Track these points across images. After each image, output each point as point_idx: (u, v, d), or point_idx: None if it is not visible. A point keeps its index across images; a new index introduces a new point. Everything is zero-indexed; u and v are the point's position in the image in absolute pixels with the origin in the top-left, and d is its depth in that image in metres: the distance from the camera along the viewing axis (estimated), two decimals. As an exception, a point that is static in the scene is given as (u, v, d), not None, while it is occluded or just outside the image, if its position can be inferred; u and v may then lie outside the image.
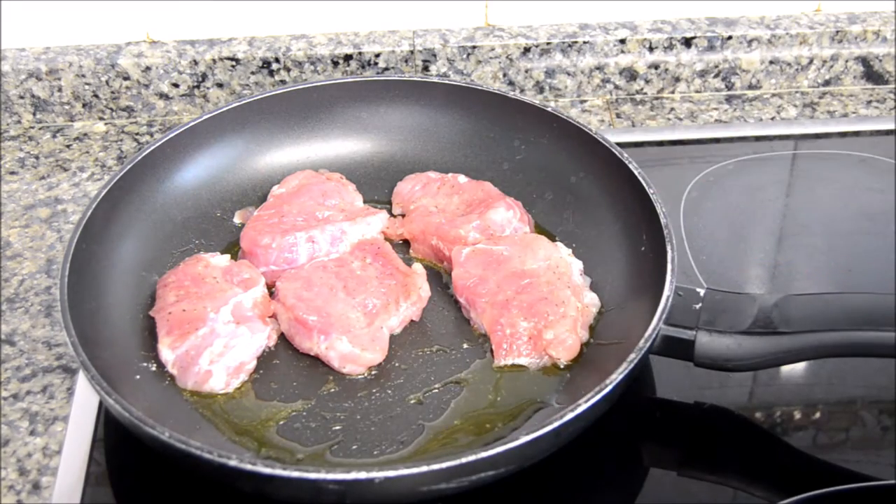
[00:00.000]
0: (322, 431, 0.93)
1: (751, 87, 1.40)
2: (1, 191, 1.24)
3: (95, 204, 1.02)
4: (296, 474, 0.79)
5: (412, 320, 1.04)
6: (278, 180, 1.15)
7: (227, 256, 1.07)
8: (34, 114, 1.34)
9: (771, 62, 1.38)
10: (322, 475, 0.79)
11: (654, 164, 1.26)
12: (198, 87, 1.34)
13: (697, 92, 1.40)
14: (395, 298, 1.03)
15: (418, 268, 1.06)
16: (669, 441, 0.97)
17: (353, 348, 0.97)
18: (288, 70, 1.34)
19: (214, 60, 1.32)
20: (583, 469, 0.93)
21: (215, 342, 0.96)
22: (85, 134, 1.33)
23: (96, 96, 1.33)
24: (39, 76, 1.31)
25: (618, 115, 1.37)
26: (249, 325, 0.99)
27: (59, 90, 1.32)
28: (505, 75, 1.37)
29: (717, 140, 1.32)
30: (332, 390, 0.97)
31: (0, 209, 1.22)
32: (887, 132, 1.32)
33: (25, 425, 0.97)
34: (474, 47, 1.34)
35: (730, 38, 1.36)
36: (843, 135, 1.32)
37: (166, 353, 0.97)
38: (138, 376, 0.96)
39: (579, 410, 0.83)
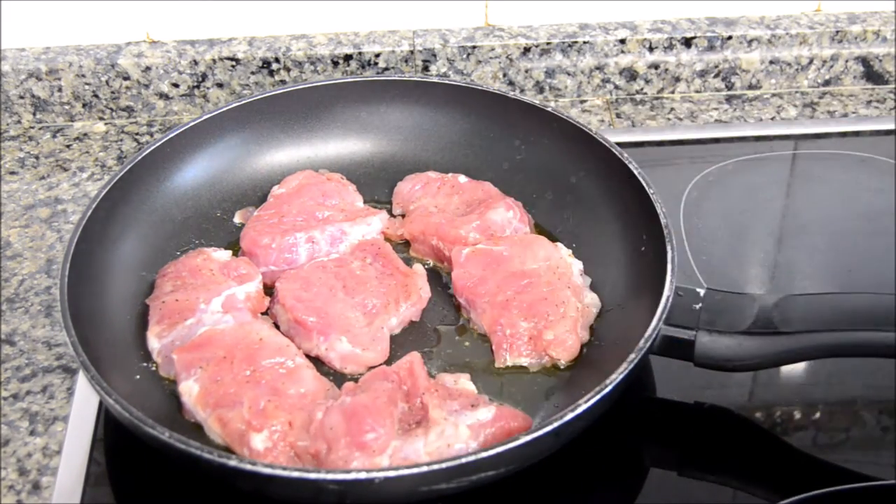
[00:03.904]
0: (322, 431, 0.93)
1: (751, 87, 1.40)
2: (1, 191, 1.24)
3: (95, 204, 1.02)
4: (296, 474, 0.79)
5: (412, 321, 1.04)
6: (278, 180, 1.15)
7: (230, 252, 1.07)
8: (34, 114, 1.34)
9: (771, 62, 1.38)
10: (322, 475, 0.79)
11: (654, 164, 1.26)
12: (198, 87, 1.34)
13: (697, 92, 1.40)
14: (395, 298, 1.03)
15: (418, 268, 1.06)
16: (669, 441, 0.97)
17: (354, 348, 0.98)
18: (288, 70, 1.34)
19: (214, 60, 1.32)
20: (583, 469, 0.93)
21: (199, 332, 0.96)
22: (85, 134, 1.33)
23: (96, 96, 1.33)
24: (39, 76, 1.31)
25: (618, 115, 1.37)
26: (235, 314, 0.99)
27: (59, 90, 1.32)
28: (505, 75, 1.37)
29: (717, 140, 1.32)
30: (332, 390, 0.97)
31: (0, 209, 1.22)
32: (887, 132, 1.32)
33: (25, 425, 0.97)
34: (474, 47, 1.35)
35: (730, 38, 1.36)
36: (843, 135, 1.32)
37: (153, 342, 0.97)
38: (138, 376, 0.96)
39: (579, 410, 0.83)
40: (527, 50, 1.35)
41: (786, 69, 1.39)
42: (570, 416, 0.83)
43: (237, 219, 1.14)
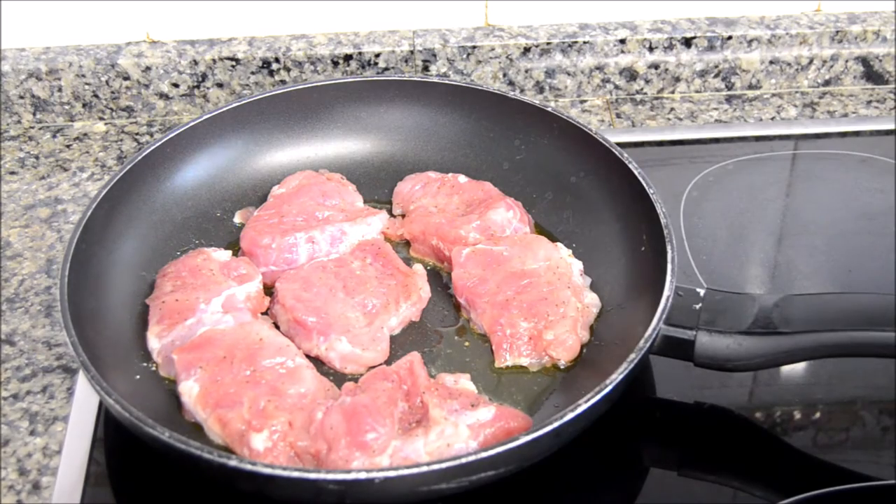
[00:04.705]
0: (322, 431, 0.93)
1: (751, 87, 1.40)
2: (1, 191, 1.24)
3: (95, 204, 1.02)
4: (296, 474, 0.79)
5: (412, 321, 1.04)
6: (278, 180, 1.15)
7: (230, 252, 1.07)
8: (34, 114, 1.34)
9: (771, 62, 1.38)
10: (322, 475, 0.79)
11: (654, 164, 1.26)
12: (198, 87, 1.34)
13: (697, 92, 1.40)
14: (395, 299, 1.03)
15: (418, 268, 1.06)
16: (669, 441, 0.97)
17: (354, 348, 0.98)
18: (288, 70, 1.34)
19: (214, 60, 1.32)
20: (583, 469, 0.93)
21: (199, 332, 0.96)
22: (85, 134, 1.33)
23: (96, 96, 1.33)
24: (39, 76, 1.31)
25: (618, 115, 1.37)
26: (235, 314, 0.99)
27: (59, 90, 1.32)
28: (505, 75, 1.37)
29: (717, 140, 1.32)
30: (332, 390, 0.97)
31: (0, 209, 1.22)
32: (887, 132, 1.32)
33: (25, 425, 0.97)
34: (474, 47, 1.35)
35: (730, 38, 1.36)
36: (843, 135, 1.32)
37: (153, 342, 0.97)
38: (138, 376, 0.96)
39: (579, 410, 0.83)
40: (527, 50, 1.35)
41: (786, 69, 1.39)
42: (570, 416, 0.83)
43: (237, 219, 1.14)
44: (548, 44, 1.35)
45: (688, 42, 1.36)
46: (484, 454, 0.80)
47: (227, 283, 1.01)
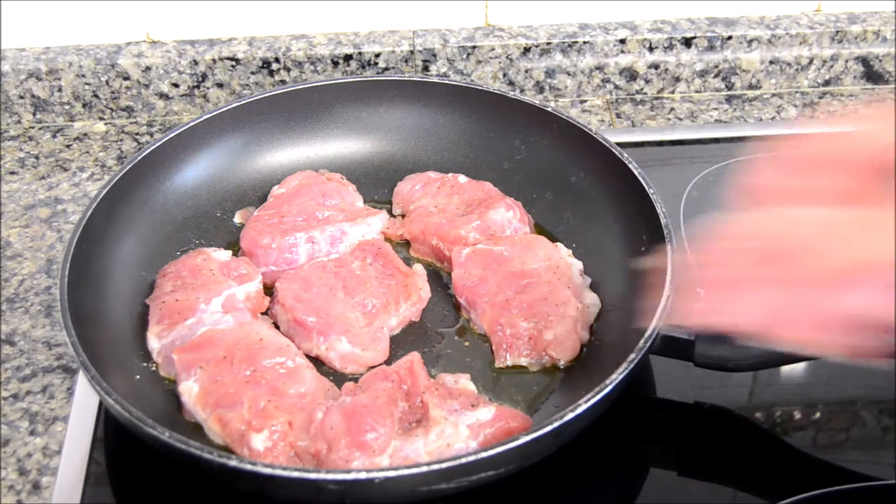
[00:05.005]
0: (322, 431, 0.93)
1: (751, 87, 1.40)
2: (1, 191, 1.24)
3: (95, 204, 1.02)
4: (296, 474, 0.79)
5: (412, 321, 1.04)
6: (278, 180, 1.15)
7: (230, 252, 1.07)
8: (34, 114, 1.34)
9: (771, 62, 1.38)
10: (322, 475, 0.79)
11: (654, 164, 1.26)
12: (198, 87, 1.34)
13: (697, 92, 1.40)
14: (395, 298, 1.03)
15: (419, 268, 1.06)
16: (669, 441, 0.97)
17: (354, 348, 0.98)
18: (288, 70, 1.34)
19: (214, 60, 1.33)
20: (583, 469, 0.93)
21: (199, 332, 0.96)
22: (85, 134, 1.33)
23: (96, 96, 1.33)
24: (39, 76, 1.31)
25: (618, 115, 1.37)
26: (235, 314, 0.99)
27: (59, 90, 1.32)
28: (505, 75, 1.37)
29: (717, 140, 1.32)
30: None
31: (0, 209, 1.22)
32: (887, 132, 1.32)
33: (25, 425, 0.98)
34: (474, 47, 1.35)
35: (730, 38, 1.36)
36: (843, 135, 1.32)
37: (153, 342, 0.97)
38: (138, 376, 0.96)
39: (579, 410, 0.83)
40: (527, 50, 1.35)
41: (786, 69, 1.39)
42: (570, 416, 0.83)
43: (237, 219, 1.14)
44: (548, 44, 1.35)
45: (688, 42, 1.36)
46: (484, 454, 0.80)
47: (227, 283, 1.01)
